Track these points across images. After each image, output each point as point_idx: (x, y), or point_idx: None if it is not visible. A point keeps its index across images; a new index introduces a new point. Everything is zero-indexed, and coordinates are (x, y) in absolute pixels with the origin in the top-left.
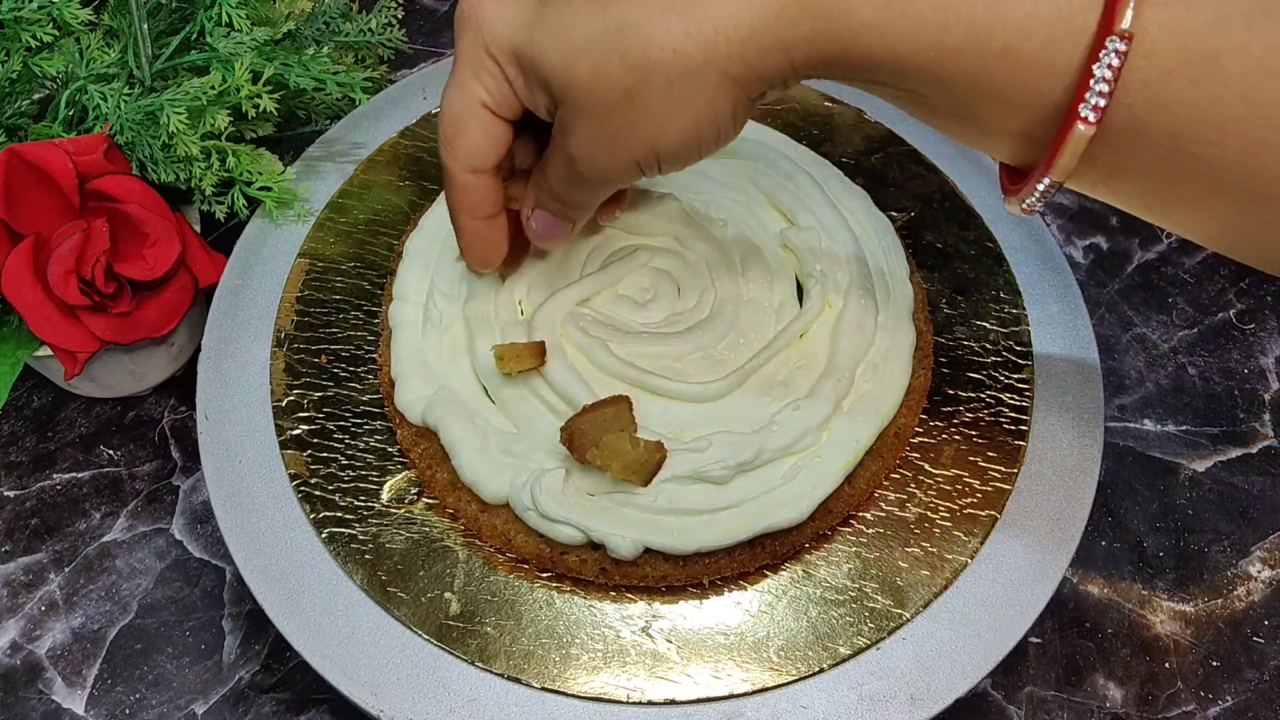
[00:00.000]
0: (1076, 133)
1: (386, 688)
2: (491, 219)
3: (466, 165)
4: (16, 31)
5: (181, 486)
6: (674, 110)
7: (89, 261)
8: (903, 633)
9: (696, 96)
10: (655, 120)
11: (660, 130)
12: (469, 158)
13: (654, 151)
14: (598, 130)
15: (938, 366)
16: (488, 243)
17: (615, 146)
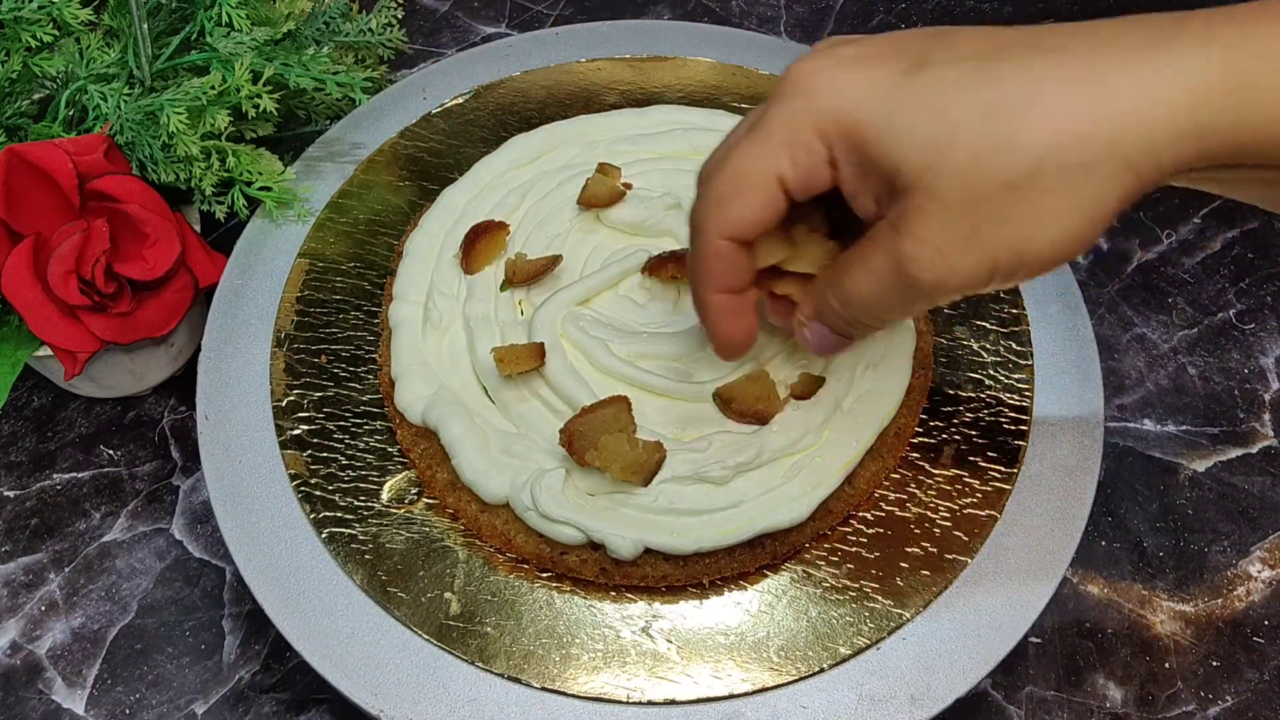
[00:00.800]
0: None
1: (386, 688)
2: (743, 295)
3: (726, 231)
4: (16, 31)
5: (181, 486)
6: (1061, 204)
7: (89, 261)
8: (903, 633)
9: (1090, 189)
10: (1035, 216)
11: (1037, 228)
12: (735, 225)
13: (1018, 254)
14: (957, 225)
15: (938, 366)
16: (739, 321)
17: (974, 246)
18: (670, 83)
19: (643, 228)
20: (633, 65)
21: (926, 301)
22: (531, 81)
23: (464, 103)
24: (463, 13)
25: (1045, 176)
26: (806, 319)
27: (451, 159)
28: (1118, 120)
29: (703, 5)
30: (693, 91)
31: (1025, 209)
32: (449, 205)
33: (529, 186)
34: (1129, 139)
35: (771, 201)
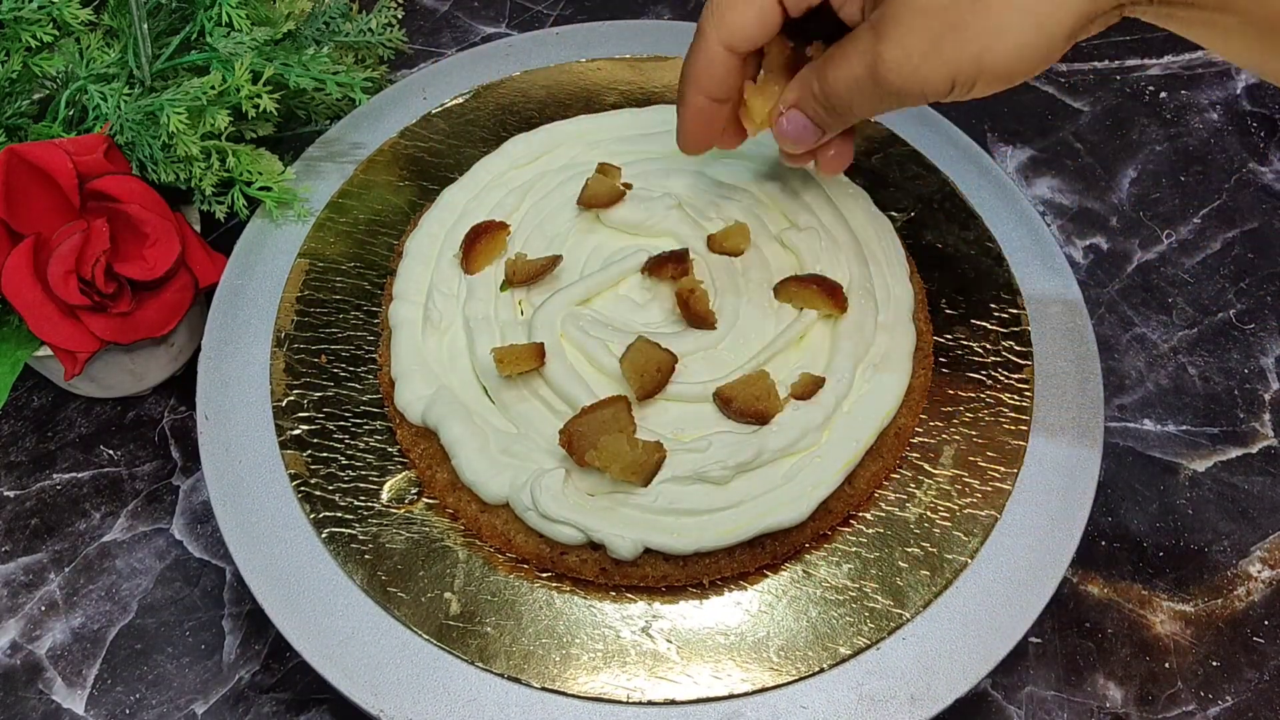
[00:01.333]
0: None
1: (386, 688)
2: (722, 104)
3: (724, 39)
4: (16, 31)
5: (181, 486)
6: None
7: (89, 261)
8: (903, 633)
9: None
10: (993, 26)
11: (995, 39)
12: (732, 32)
13: (977, 64)
14: (925, 30)
15: (938, 366)
16: (709, 126)
17: (939, 50)
18: (670, 83)
19: (643, 228)
20: (633, 65)
21: (895, 101)
22: (531, 81)
23: (464, 103)
24: (463, 13)
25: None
26: (786, 106)
27: (451, 159)
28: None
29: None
30: None
31: (986, 20)
32: (449, 205)
33: (529, 186)
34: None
35: (767, 12)
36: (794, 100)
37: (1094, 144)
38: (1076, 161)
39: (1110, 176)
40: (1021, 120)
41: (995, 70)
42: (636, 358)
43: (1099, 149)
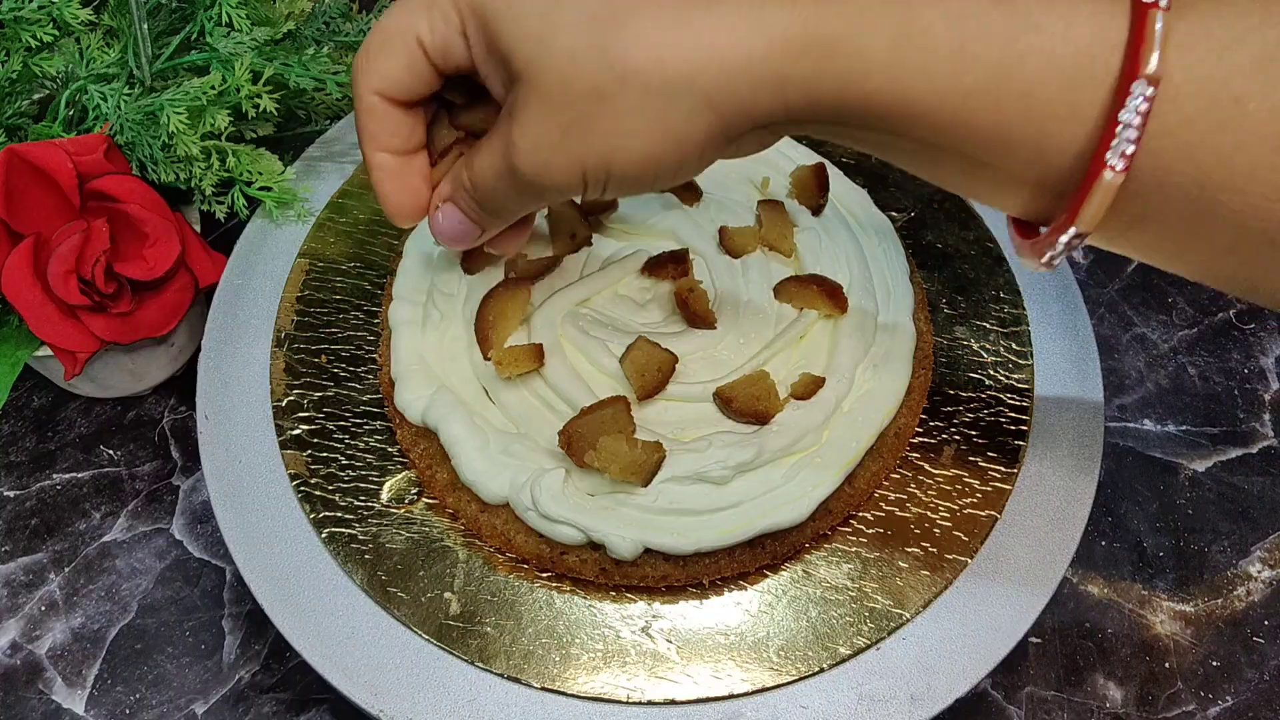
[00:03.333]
0: (1104, 181)
1: (386, 688)
2: (406, 156)
3: (373, 86)
4: (16, 31)
5: (181, 486)
6: (642, 123)
7: (89, 261)
8: (903, 633)
9: (672, 116)
10: (619, 128)
11: (621, 141)
12: (380, 79)
13: (606, 164)
14: (553, 121)
15: (938, 366)
16: (402, 185)
17: (567, 144)
18: None
19: (642, 228)
20: None
21: (535, 194)
22: None
23: None
24: None
25: (629, 93)
26: (441, 201)
27: None
28: (698, 56)
29: None
30: None
31: (611, 121)
32: None
33: None
34: (707, 77)
35: (413, 62)
36: (447, 194)
37: None
38: None
39: None
40: None
41: (623, 172)
42: (637, 358)
43: None
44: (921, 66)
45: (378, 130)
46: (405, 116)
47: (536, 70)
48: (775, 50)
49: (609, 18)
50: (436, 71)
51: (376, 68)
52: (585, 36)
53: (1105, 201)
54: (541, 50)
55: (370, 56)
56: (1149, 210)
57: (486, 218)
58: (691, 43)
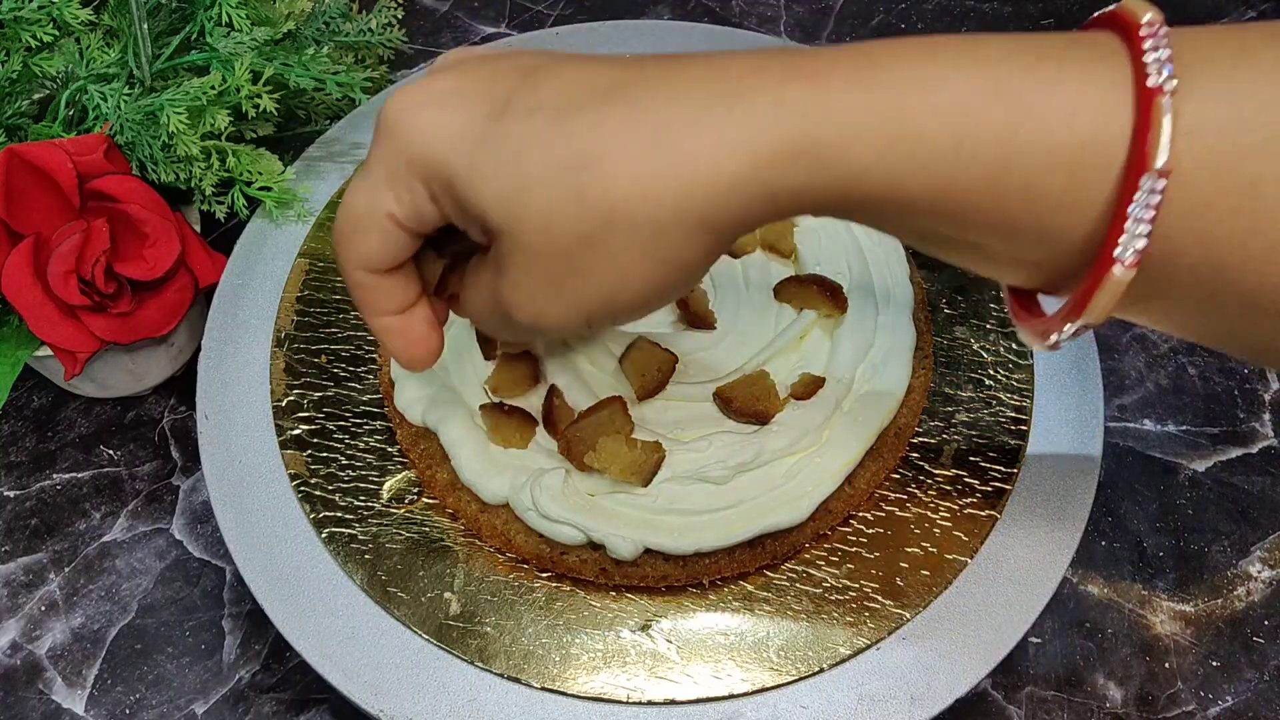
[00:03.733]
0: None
1: (386, 688)
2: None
3: (358, 264)
4: (16, 31)
5: (181, 486)
6: (637, 259)
7: (89, 261)
8: (903, 633)
9: (666, 245)
10: (614, 269)
11: (619, 280)
12: (362, 258)
13: (610, 305)
14: (542, 275)
15: (938, 366)
16: (413, 337)
17: (562, 295)
18: None
19: None
20: None
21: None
22: None
23: None
24: (463, 13)
25: (618, 234)
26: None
27: None
28: (682, 182)
29: (703, 5)
30: None
31: (605, 264)
32: None
33: None
34: (696, 200)
35: (390, 236)
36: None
37: None
38: None
39: None
40: None
41: (630, 307)
42: (637, 357)
43: None
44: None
45: (374, 301)
46: (398, 278)
47: (516, 228)
48: (761, 164)
49: (578, 162)
50: (415, 236)
51: (355, 248)
52: (558, 187)
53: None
54: (517, 209)
55: (346, 239)
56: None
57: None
58: (672, 170)
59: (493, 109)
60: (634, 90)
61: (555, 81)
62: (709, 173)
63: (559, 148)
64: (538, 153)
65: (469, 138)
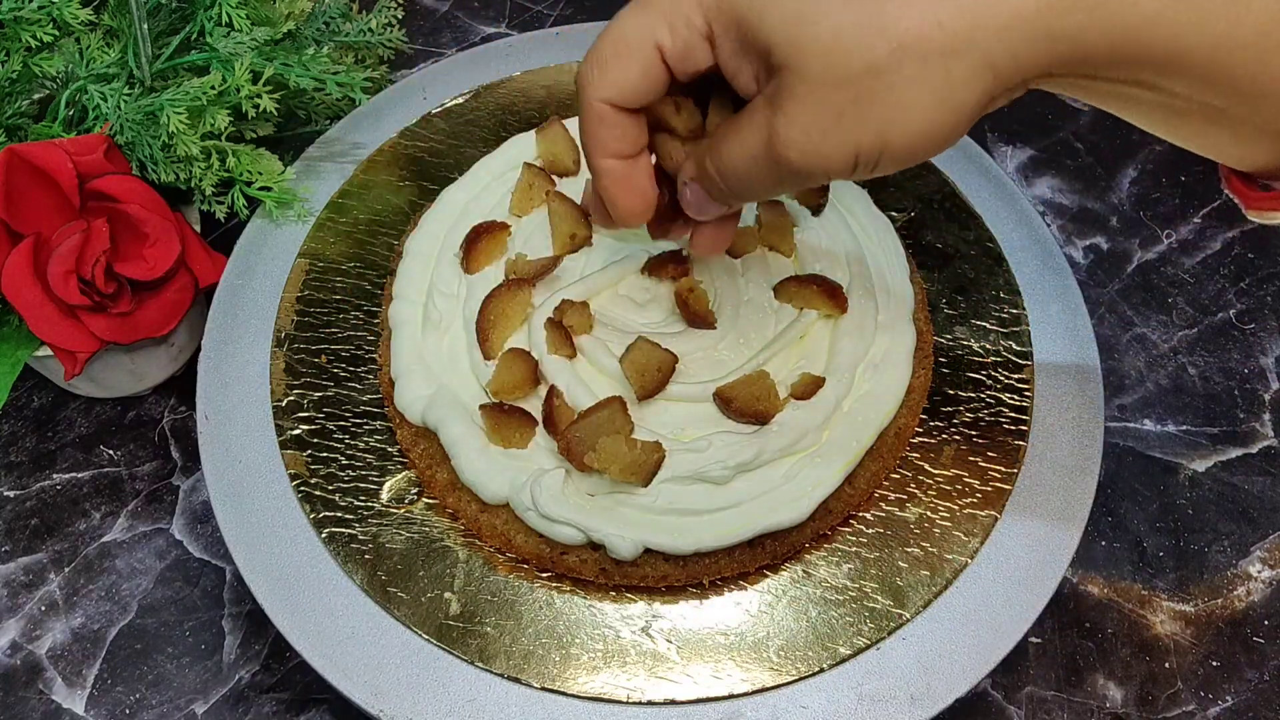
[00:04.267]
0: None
1: (386, 688)
2: (632, 160)
3: (604, 95)
4: (16, 31)
5: (181, 486)
6: (922, 93)
7: (89, 261)
8: (903, 633)
9: (951, 80)
10: (897, 102)
11: (900, 114)
12: (613, 88)
13: (882, 141)
14: (823, 105)
15: (938, 366)
16: (631, 186)
17: (840, 128)
18: None
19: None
20: None
21: (796, 180)
22: (531, 81)
23: (464, 103)
24: (463, 13)
25: (907, 64)
26: (688, 179)
27: (451, 159)
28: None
29: None
30: None
31: (888, 96)
32: (449, 205)
33: None
34: (984, 35)
35: (651, 69)
36: (692, 174)
37: (1094, 144)
38: (1076, 161)
39: (1110, 176)
40: (1022, 120)
41: (900, 147)
42: (637, 358)
43: (1099, 149)
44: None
45: (607, 137)
46: (634, 121)
47: (802, 57)
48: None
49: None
50: (671, 76)
51: (609, 77)
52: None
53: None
54: (806, 35)
55: (602, 66)
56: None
57: (733, 199)
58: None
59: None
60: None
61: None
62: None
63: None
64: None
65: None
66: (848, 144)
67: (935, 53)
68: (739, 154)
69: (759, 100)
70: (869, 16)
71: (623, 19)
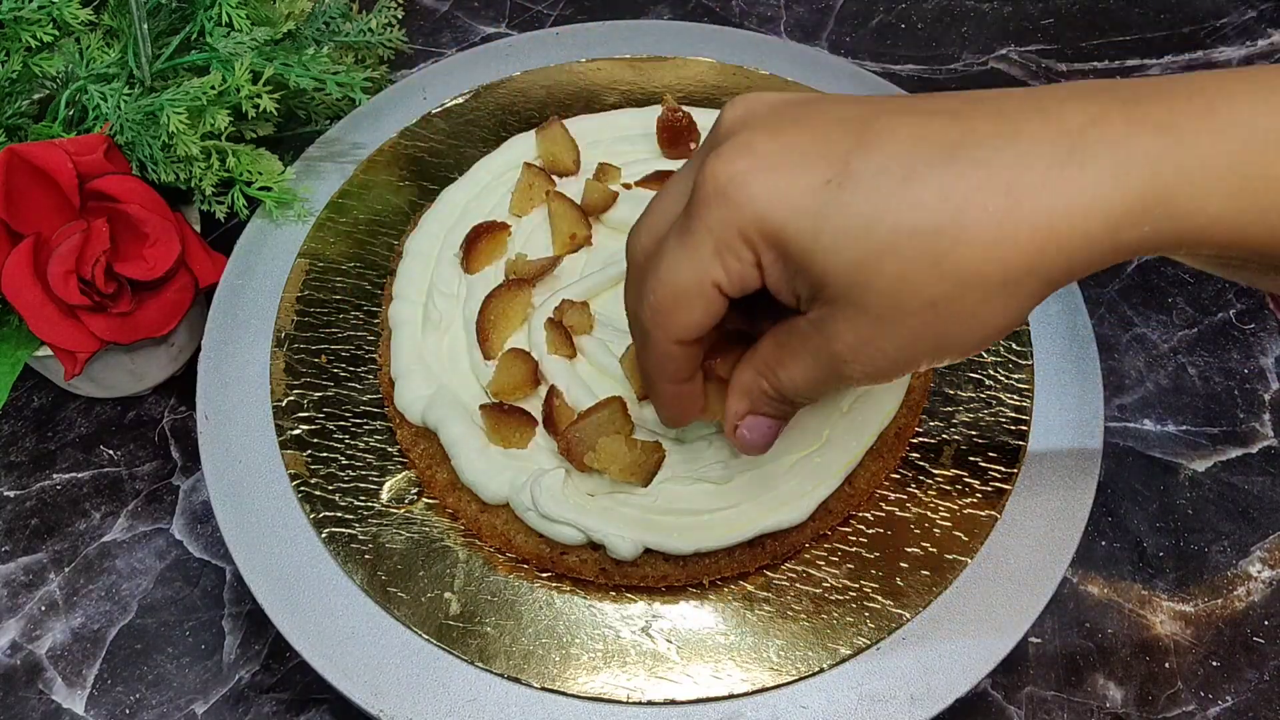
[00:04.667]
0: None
1: (386, 688)
2: (690, 381)
3: (675, 338)
4: (16, 31)
5: (181, 486)
6: (984, 318)
7: (89, 261)
8: (903, 633)
9: (1011, 304)
10: (959, 328)
11: (962, 336)
12: (682, 332)
13: (942, 353)
14: (885, 336)
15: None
16: (686, 403)
17: (902, 352)
18: (670, 83)
19: None
20: (633, 65)
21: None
22: (531, 81)
23: (464, 103)
24: (463, 13)
25: (969, 296)
26: (740, 419)
27: (451, 159)
28: (1037, 244)
29: (703, 5)
30: (692, 91)
31: (950, 324)
32: (449, 205)
33: None
34: (1048, 259)
35: (712, 307)
36: (746, 409)
37: None
38: None
39: None
40: None
41: (958, 354)
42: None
43: None
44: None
45: (675, 370)
46: (696, 350)
47: (861, 294)
48: (1113, 221)
49: (932, 229)
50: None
51: (676, 322)
52: (912, 255)
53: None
54: (865, 276)
55: (667, 313)
56: None
57: (793, 411)
58: (1027, 234)
59: (833, 173)
60: (975, 149)
61: (892, 141)
62: (1064, 234)
63: (910, 215)
64: (889, 221)
65: (809, 205)
66: (908, 361)
67: (996, 287)
68: (800, 376)
69: (807, 325)
70: (931, 259)
71: (675, 263)
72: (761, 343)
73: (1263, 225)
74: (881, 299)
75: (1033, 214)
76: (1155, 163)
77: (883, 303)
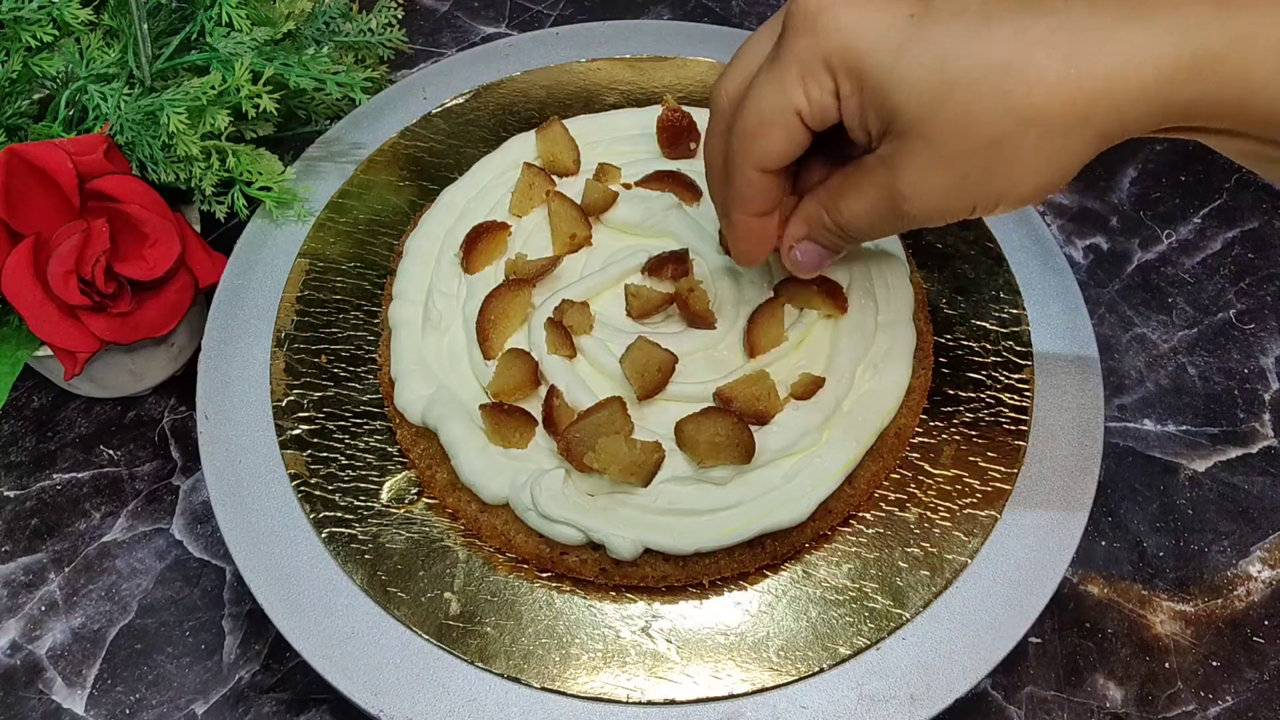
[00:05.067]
0: None
1: (386, 688)
2: (768, 215)
3: (757, 164)
4: (16, 31)
5: (181, 486)
6: (1039, 160)
7: (89, 261)
8: (903, 633)
9: (1066, 150)
10: (1016, 170)
11: (1017, 177)
12: (765, 158)
13: (998, 197)
14: (946, 171)
15: (938, 366)
16: (761, 238)
17: (961, 189)
18: (670, 83)
19: (642, 228)
20: (633, 65)
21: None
22: (531, 81)
23: (464, 103)
24: (463, 13)
25: (1029, 136)
26: (797, 242)
27: (451, 159)
28: (1096, 91)
29: (703, 5)
30: (692, 91)
31: (1008, 165)
32: (449, 205)
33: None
34: (1101, 109)
35: (795, 135)
36: (802, 235)
37: None
38: None
39: (1110, 176)
40: None
41: (1013, 202)
42: (637, 358)
43: None
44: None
45: (755, 199)
46: (778, 180)
47: (929, 127)
48: (1164, 76)
49: (1004, 67)
50: (810, 134)
51: (759, 147)
52: (983, 90)
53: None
54: (935, 107)
55: (750, 138)
56: None
57: (848, 245)
58: (1088, 79)
59: (914, 8)
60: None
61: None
62: (1120, 84)
63: (985, 53)
64: (965, 52)
65: (892, 36)
66: (967, 201)
67: (1056, 129)
68: (860, 209)
69: (875, 161)
70: (1001, 95)
71: (762, 91)
72: (831, 178)
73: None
74: (948, 132)
75: (1096, 60)
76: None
77: (949, 137)
